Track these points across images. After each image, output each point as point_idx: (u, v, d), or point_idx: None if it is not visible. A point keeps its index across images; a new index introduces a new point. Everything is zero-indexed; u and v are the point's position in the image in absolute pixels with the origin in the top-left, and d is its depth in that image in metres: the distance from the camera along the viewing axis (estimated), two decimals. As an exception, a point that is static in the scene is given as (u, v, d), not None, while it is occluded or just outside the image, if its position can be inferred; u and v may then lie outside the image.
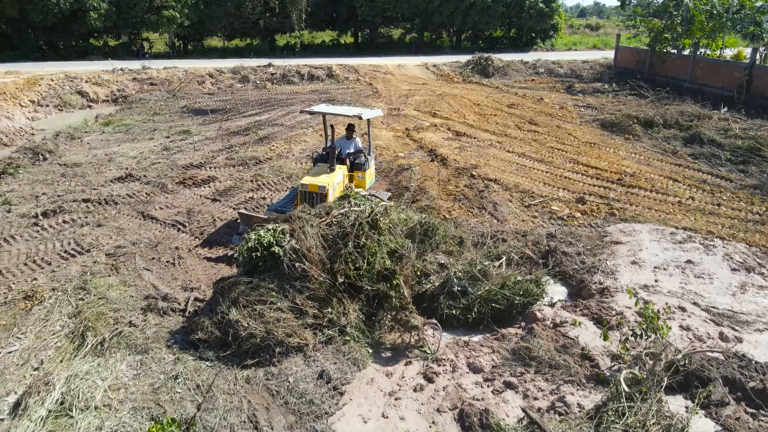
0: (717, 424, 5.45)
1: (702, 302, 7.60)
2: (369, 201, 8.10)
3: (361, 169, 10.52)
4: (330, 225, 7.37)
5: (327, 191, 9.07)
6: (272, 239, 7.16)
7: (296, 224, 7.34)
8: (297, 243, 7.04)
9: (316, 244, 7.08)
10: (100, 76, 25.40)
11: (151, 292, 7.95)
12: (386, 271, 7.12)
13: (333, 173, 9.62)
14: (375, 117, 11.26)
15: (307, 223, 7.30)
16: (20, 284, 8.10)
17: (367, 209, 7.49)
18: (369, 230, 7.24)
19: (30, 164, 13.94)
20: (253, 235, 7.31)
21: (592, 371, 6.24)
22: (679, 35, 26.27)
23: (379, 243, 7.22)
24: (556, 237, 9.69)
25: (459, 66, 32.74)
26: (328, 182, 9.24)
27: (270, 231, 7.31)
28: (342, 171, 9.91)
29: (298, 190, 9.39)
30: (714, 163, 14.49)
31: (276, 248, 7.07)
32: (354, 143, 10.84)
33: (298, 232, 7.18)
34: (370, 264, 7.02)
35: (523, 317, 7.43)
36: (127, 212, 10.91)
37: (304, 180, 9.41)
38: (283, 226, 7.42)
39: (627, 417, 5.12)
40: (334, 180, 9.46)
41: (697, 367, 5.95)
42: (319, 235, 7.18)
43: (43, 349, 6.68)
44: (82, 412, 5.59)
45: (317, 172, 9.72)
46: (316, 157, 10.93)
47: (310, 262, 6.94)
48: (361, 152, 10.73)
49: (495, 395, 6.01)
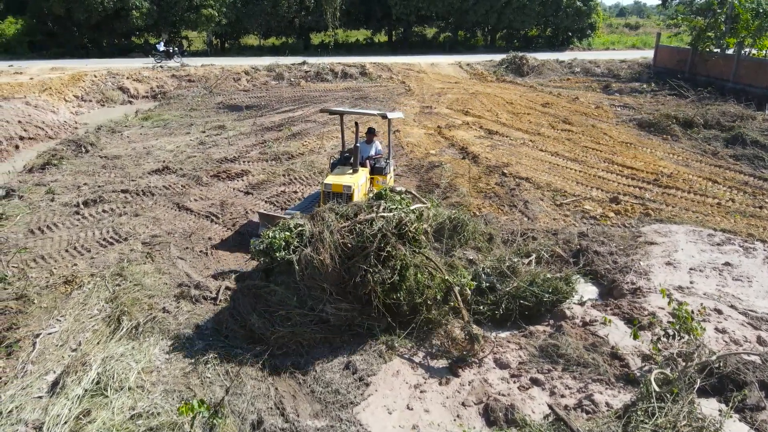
0: (752, 429, 5.29)
1: (739, 305, 7.37)
2: (403, 203, 7.43)
3: (381, 173, 10.16)
4: (351, 231, 6.72)
5: (353, 191, 8.72)
6: (285, 242, 6.74)
7: (317, 227, 6.81)
8: (312, 251, 6.54)
9: (332, 255, 6.51)
10: (140, 72, 26.14)
11: (184, 280, 8.15)
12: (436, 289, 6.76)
13: (356, 174, 9.26)
14: (396, 119, 10.93)
15: (327, 228, 6.69)
16: (61, 269, 8.42)
17: (395, 218, 6.82)
18: (396, 241, 6.66)
19: (73, 156, 14.45)
20: (269, 233, 6.98)
21: (622, 371, 6.12)
22: (723, 34, 25.45)
23: (414, 253, 6.76)
24: (588, 236, 9.53)
25: (493, 65, 32.46)
26: (353, 182, 8.89)
27: (285, 233, 6.87)
28: (365, 173, 9.57)
29: (321, 191, 9.00)
30: (757, 165, 14.00)
31: (290, 255, 6.62)
32: (374, 147, 10.48)
33: (316, 237, 6.66)
34: (403, 279, 6.56)
35: (552, 315, 7.33)
36: (163, 203, 11.20)
37: (328, 180, 9.02)
38: (302, 226, 6.95)
39: (657, 417, 5.00)
40: (359, 181, 9.10)
41: (733, 370, 5.78)
42: (338, 244, 6.57)
43: (81, 331, 6.92)
44: (117, 392, 5.79)
45: (340, 172, 9.38)
46: (333, 162, 10.47)
47: (324, 277, 6.53)
48: (381, 156, 10.43)
49: (521, 391, 5.96)
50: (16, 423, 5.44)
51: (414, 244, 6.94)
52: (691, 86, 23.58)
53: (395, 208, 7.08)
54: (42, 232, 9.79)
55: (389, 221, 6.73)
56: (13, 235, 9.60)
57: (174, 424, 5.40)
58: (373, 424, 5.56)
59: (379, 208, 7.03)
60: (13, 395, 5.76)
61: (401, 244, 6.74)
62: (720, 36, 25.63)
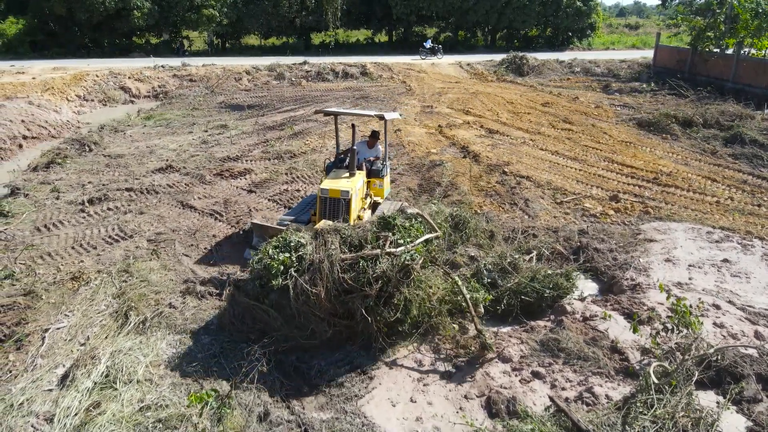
0: (749, 420, 5.39)
1: (738, 301, 7.47)
2: (413, 231, 6.84)
3: (378, 176, 9.69)
4: (352, 267, 6.24)
5: (350, 196, 8.26)
6: (283, 265, 6.27)
7: (317, 252, 6.29)
8: (309, 280, 6.10)
9: (329, 289, 6.13)
10: (142, 72, 26.25)
11: (189, 276, 8.26)
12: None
13: (354, 178, 8.73)
14: (394, 119, 10.32)
15: (328, 258, 6.19)
16: (68, 266, 8.53)
17: (401, 262, 6.26)
18: (400, 283, 6.26)
19: (77, 155, 14.56)
20: (268, 250, 6.50)
21: (622, 364, 6.22)
22: (723, 34, 25.56)
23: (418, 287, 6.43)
24: (588, 233, 9.64)
25: (493, 65, 32.58)
26: (350, 187, 8.39)
27: (285, 254, 6.36)
28: (362, 177, 9.07)
29: (318, 197, 8.48)
30: (756, 164, 14.10)
31: (287, 281, 6.19)
32: (375, 150, 10.06)
33: (315, 265, 6.18)
34: (408, 313, 6.34)
35: (553, 310, 7.43)
36: (167, 201, 11.31)
37: (324, 185, 8.48)
38: (303, 246, 6.43)
39: (655, 409, 5.10)
40: (356, 185, 8.59)
41: (730, 363, 5.88)
42: (337, 278, 6.13)
43: (89, 326, 7.03)
44: (125, 385, 5.88)
45: (336, 176, 8.83)
46: (328, 165, 9.91)
47: (319, 306, 6.22)
48: (378, 158, 9.97)
49: (522, 384, 6.06)
50: (27, 415, 5.54)
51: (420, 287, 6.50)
52: (691, 86, 23.69)
53: (403, 242, 6.54)
54: (48, 229, 9.90)
55: (394, 265, 6.22)
56: (19, 232, 9.71)
57: (182, 415, 5.49)
58: (377, 416, 5.66)
59: (386, 242, 6.46)
60: (23, 388, 5.87)
61: (406, 285, 6.33)
62: (719, 36, 25.74)
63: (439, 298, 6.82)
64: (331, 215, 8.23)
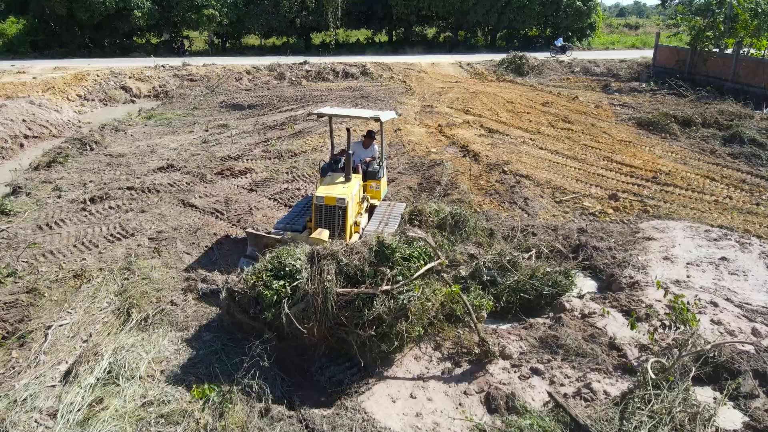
0: (745, 416, 5.45)
1: (735, 298, 7.53)
2: (413, 262, 6.54)
3: (375, 178, 9.53)
4: (348, 304, 6.00)
5: (346, 204, 8.09)
6: (277, 294, 6.11)
7: (312, 283, 6.04)
8: (302, 311, 5.97)
9: (322, 323, 6.01)
10: (142, 72, 26.31)
11: (190, 274, 8.31)
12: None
13: (350, 183, 8.56)
14: (390, 120, 10.06)
15: (323, 293, 5.96)
16: (70, 264, 8.59)
17: (400, 303, 6.05)
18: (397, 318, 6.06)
19: (78, 154, 14.62)
20: (260, 277, 6.31)
21: (620, 361, 6.28)
22: (722, 34, 25.63)
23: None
24: (587, 232, 9.69)
25: (493, 65, 32.65)
26: (346, 194, 8.17)
27: (279, 282, 6.16)
28: (358, 180, 8.91)
29: (313, 204, 8.26)
30: (754, 163, 14.17)
31: (281, 310, 5.99)
32: (372, 151, 9.87)
33: (309, 296, 5.99)
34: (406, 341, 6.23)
35: (552, 308, 7.49)
36: (169, 200, 11.37)
37: (320, 192, 8.23)
38: (299, 275, 6.17)
39: (653, 404, 5.16)
40: (352, 191, 8.42)
41: (727, 359, 5.95)
42: (330, 314, 5.96)
43: (91, 323, 7.08)
44: (128, 381, 5.94)
45: (331, 182, 8.63)
46: (323, 166, 9.74)
47: (311, 337, 6.15)
48: (374, 159, 9.78)
49: (521, 380, 6.12)
50: (30, 411, 5.60)
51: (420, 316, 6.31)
52: (690, 86, 23.77)
53: (401, 275, 6.29)
54: (50, 228, 9.96)
55: (391, 309, 6.02)
56: (21, 230, 9.77)
57: (184, 411, 5.55)
58: (378, 412, 5.71)
59: (383, 279, 6.14)
60: (27, 384, 5.93)
61: (403, 321, 6.15)
62: (719, 36, 25.81)
63: (437, 305, 6.67)
64: (327, 223, 8.12)
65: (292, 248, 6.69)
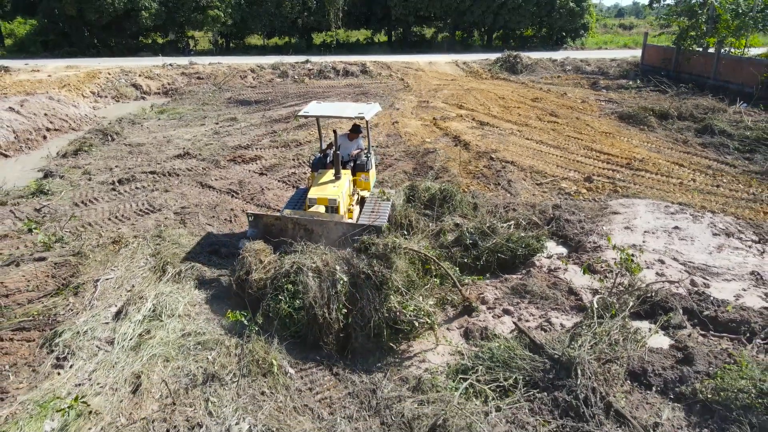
0: (672, 340, 6.72)
1: (681, 258, 8.81)
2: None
3: (363, 169, 9.82)
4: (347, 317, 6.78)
5: (338, 204, 8.54)
6: (290, 303, 6.95)
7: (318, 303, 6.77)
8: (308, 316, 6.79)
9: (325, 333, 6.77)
10: (151, 70, 27.58)
11: (213, 240, 9.58)
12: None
13: (340, 181, 8.92)
14: (375, 113, 10.07)
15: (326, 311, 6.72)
16: (108, 232, 9.85)
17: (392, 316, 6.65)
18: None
19: (101, 144, 15.89)
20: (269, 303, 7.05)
21: (576, 303, 7.57)
22: (704, 34, 26.90)
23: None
24: (561, 207, 10.96)
25: (488, 63, 33.87)
26: (337, 194, 8.57)
27: (285, 306, 6.95)
28: (348, 176, 9.21)
29: (305, 205, 8.77)
30: (721, 152, 15.42)
31: (291, 310, 6.89)
32: (357, 143, 10.16)
33: (319, 302, 6.77)
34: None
35: (525, 266, 8.77)
36: (188, 182, 12.63)
37: (312, 193, 8.67)
38: (301, 302, 6.87)
39: (595, 328, 6.44)
40: (343, 189, 8.80)
41: (662, 298, 7.22)
42: (339, 310, 6.77)
43: (132, 277, 8.35)
44: (169, 317, 7.22)
45: (322, 180, 8.99)
46: (314, 161, 10.01)
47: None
48: (362, 151, 10.09)
49: (494, 319, 7.40)
50: (91, 339, 6.86)
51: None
52: (675, 83, 25.00)
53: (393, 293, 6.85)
54: (85, 205, 11.22)
55: (382, 320, 6.64)
56: (60, 207, 11.04)
57: (216, 340, 6.83)
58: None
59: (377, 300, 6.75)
60: (85, 320, 7.19)
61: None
62: (701, 35, 27.08)
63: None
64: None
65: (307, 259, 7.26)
